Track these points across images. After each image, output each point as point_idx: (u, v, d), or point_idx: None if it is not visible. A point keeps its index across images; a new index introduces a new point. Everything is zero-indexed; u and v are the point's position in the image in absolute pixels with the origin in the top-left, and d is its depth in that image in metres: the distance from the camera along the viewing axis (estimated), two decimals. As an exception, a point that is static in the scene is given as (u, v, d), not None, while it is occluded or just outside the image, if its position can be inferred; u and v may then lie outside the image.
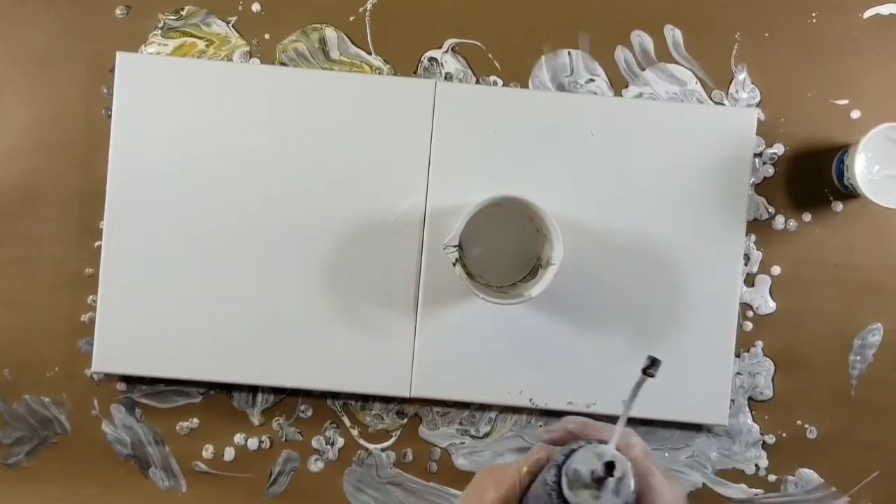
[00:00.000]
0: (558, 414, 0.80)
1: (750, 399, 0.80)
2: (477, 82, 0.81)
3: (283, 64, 0.81)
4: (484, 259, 0.78)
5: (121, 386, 0.81)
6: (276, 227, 0.78)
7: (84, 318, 0.81)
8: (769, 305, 0.80)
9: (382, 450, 0.81)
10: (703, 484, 0.81)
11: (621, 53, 0.81)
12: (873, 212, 0.79)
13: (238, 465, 0.81)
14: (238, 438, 0.81)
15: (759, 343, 0.80)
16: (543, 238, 0.76)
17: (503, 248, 0.78)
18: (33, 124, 0.81)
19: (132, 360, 0.78)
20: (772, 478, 0.81)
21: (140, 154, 0.78)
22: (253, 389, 0.81)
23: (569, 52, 0.81)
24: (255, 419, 0.81)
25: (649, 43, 0.81)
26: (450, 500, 0.80)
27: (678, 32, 0.81)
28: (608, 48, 0.81)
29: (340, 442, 0.81)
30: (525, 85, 0.80)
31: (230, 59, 0.81)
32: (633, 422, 0.78)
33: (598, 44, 0.81)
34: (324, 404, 0.81)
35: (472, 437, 0.81)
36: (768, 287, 0.80)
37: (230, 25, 0.81)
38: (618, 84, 0.81)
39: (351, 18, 0.81)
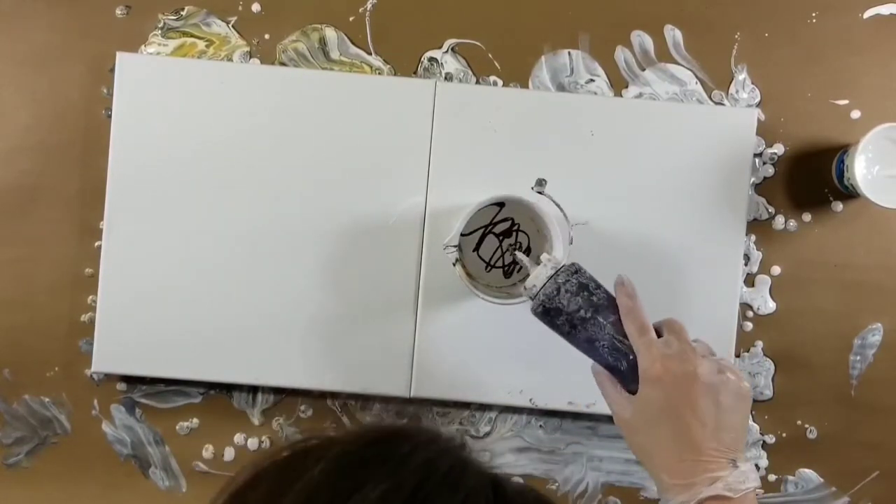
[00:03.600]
0: (558, 414, 0.80)
1: (750, 399, 0.80)
2: (477, 82, 0.81)
3: (283, 64, 0.81)
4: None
5: (121, 386, 0.81)
6: (275, 228, 0.78)
7: (84, 318, 0.81)
8: (769, 305, 0.80)
9: (382, 450, 0.81)
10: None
11: (621, 53, 0.81)
12: (873, 212, 0.79)
13: (238, 465, 0.81)
14: (238, 438, 0.81)
15: (759, 343, 0.80)
16: (543, 238, 0.76)
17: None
18: (33, 124, 0.81)
19: (132, 360, 0.78)
20: (772, 478, 0.81)
21: (140, 154, 0.78)
22: (253, 389, 0.81)
23: (569, 52, 0.81)
24: (255, 419, 0.81)
25: (649, 43, 0.81)
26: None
27: (678, 32, 0.81)
28: (608, 48, 0.81)
29: (340, 442, 0.81)
30: (525, 85, 0.80)
31: (230, 59, 0.80)
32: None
33: (598, 44, 0.81)
34: (324, 404, 0.81)
35: (473, 437, 0.81)
36: (768, 287, 0.80)
37: (230, 25, 0.81)
38: (618, 84, 0.81)
39: (351, 18, 0.81)
